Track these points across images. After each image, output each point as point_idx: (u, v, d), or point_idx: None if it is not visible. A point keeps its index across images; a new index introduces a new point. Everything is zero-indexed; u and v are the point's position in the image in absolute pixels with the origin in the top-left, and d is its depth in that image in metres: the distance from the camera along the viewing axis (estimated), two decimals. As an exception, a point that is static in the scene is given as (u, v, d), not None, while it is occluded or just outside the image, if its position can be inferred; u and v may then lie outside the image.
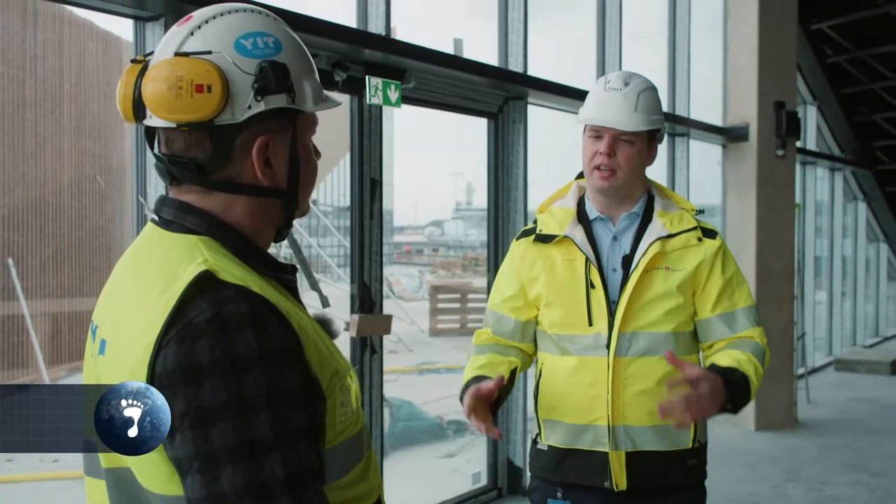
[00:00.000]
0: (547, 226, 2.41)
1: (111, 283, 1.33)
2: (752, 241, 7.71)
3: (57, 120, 8.65)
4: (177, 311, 1.15)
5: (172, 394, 1.12)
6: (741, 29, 7.83)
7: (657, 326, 2.30)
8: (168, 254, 1.25)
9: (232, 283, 1.18)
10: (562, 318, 2.35)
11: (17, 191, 8.46)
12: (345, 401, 1.30)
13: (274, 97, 1.27)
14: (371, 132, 4.62)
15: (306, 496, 1.13)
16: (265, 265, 1.32)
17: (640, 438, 2.32)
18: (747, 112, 7.79)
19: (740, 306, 2.38)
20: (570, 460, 2.36)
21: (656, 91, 2.40)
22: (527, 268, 2.41)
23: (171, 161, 1.28)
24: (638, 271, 2.30)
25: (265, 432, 1.12)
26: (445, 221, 47.64)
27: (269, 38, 1.30)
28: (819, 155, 11.05)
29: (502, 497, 5.58)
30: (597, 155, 2.32)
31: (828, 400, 9.13)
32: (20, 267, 8.34)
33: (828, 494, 5.94)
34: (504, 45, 5.68)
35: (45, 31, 8.66)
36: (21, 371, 8.61)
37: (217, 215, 1.29)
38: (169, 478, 1.16)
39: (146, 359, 1.14)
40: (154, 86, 1.23)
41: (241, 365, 1.12)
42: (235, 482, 1.10)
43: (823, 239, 12.08)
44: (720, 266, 2.36)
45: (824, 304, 12.04)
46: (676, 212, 2.40)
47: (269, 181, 1.31)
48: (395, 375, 10.26)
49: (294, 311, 1.26)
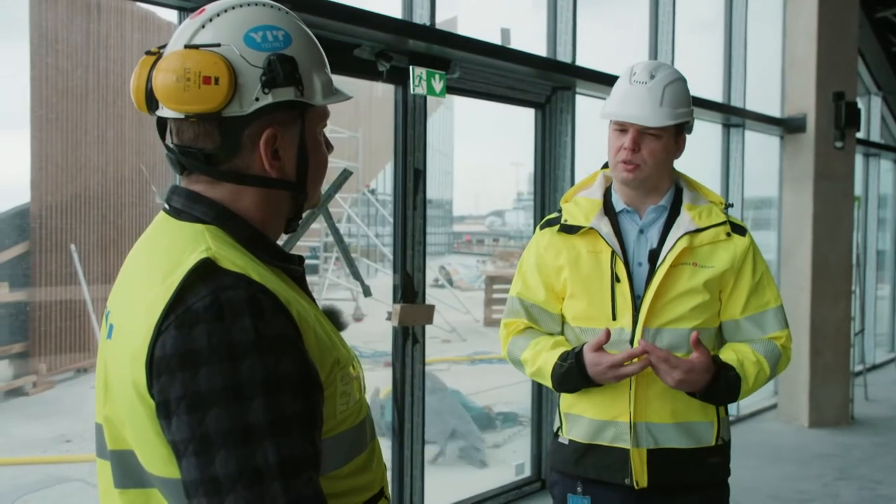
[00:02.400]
0: (572, 216, 2.39)
1: (123, 270, 1.37)
2: (809, 235, 7.54)
3: (117, 110, 8.85)
4: (176, 297, 1.18)
5: (170, 378, 1.15)
6: (800, 17, 7.65)
7: (682, 323, 2.27)
8: (174, 242, 1.28)
9: (232, 271, 1.21)
10: (585, 311, 2.34)
11: (80, 179, 8.69)
12: (346, 391, 1.32)
13: (282, 90, 1.29)
14: (415, 122, 4.64)
15: (298, 483, 1.15)
16: (272, 255, 1.34)
17: (662, 436, 2.29)
18: (805, 102, 7.61)
19: (771, 307, 2.35)
20: (590, 456, 2.34)
21: (685, 82, 2.35)
22: (551, 257, 2.39)
23: (181, 151, 1.31)
24: (665, 266, 2.27)
25: (259, 418, 1.14)
26: (506, 211, 47.45)
27: (278, 32, 1.32)
28: (883, 147, 10.76)
29: (545, 488, 5.58)
30: (622, 150, 2.29)
31: (887, 397, 8.90)
32: (82, 253, 8.57)
33: (879, 494, 5.80)
34: (553, 35, 5.64)
35: (108, 24, 8.86)
36: (83, 355, 8.86)
37: (225, 205, 1.32)
38: (168, 460, 1.19)
39: (146, 343, 1.17)
40: (163, 77, 1.27)
41: (237, 351, 1.15)
42: (229, 466, 1.12)
43: (887, 232, 11.76)
44: (750, 266, 2.33)
45: (887, 300, 11.74)
46: (705, 205, 2.36)
47: (278, 173, 1.33)
48: (447, 365, 10.29)
49: (295, 299, 1.28)
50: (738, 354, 2.28)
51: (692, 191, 2.39)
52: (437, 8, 4.66)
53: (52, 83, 8.44)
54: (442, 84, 4.60)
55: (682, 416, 2.27)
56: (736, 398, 2.28)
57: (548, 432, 5.58)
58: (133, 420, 1.21)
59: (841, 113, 7.58)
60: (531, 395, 5.67)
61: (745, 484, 5.57)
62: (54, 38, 8.41)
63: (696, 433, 2.31)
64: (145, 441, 1.20)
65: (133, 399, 1.20)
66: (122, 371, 1.22)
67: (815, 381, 7.57)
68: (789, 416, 7.70)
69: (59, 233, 8.50)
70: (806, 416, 7.57)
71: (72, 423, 7.77)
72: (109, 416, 1.27)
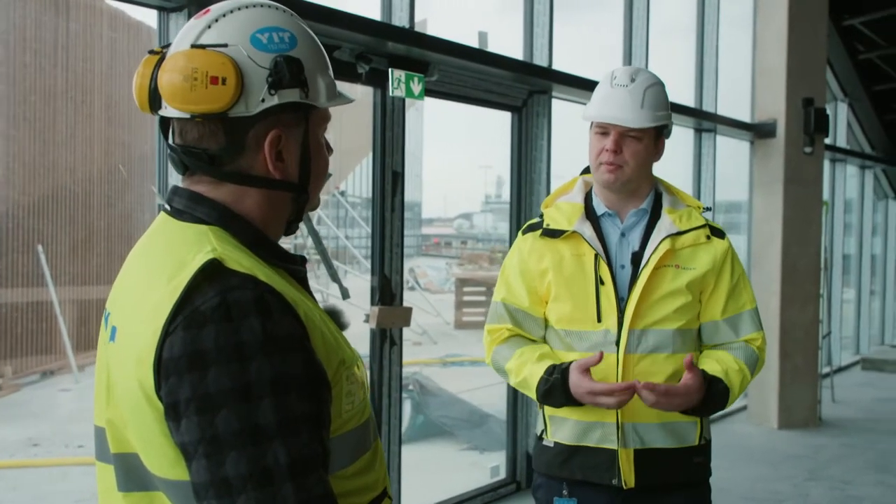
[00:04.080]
0: (554, 220, 2.41)
1: (124, 271, 1.36)
2: (778, 239, 7.64)
3: (86, 109, 8.76)
4: (184, 298, 1.17)
5: (178, 379, 1.14)
6: (770, 24, 7.76)
7: (666, 323, 2.30)
8: (177, 242, 1.27)
9: (239, 272, 1.21)
10: (570, 314, 2.35)
11: (48, 179, 8.58)
12: (351, 390, 1.32)
13: (287, 91, 1.29)
14: (394, 125, 4.64)
15: (308, 483, 1.14)
16: (275, 256, 1.34)
17: (648, 436, 2.32)
18: (775, 108, 7.71)
19: (746, 309, 2.39)
20: (577, 457, 2.35)
21: (663, 86, 2.40)
22: (535, 261, 2.41)
23: (185, 151, 1.31)
24: (649, 268, 2.30)
25: (269, 419, 1.13)
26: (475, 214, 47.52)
27: (284, 34, 1.32)
28: (849, 152, 10.93)
29: (521, 490, 5.59)
30: (603, 152, 2.32)
31: (853, 399, 9.04)
32: (49, 254, 8.46)
33: (849, 494, 5.89)
34: (529, 39, 5.67)
35: (77, 21, 8.76)
36: (49, 357, 8.74)
37: (228, 206, 1.31)
38: (175, 462, 1.18)
39: (153, 345, 1.16)
40: (170, 76, 1.26)
41: (245, 352, 1.14)
42: (239, 468, 1.12)
43: (852, 237, 11.95)
44: (729, 269, 2.38)
45: (852, 303, 11.92)
46: (685, 209, 2.40)
47: (281, 174, 1.33)
48: (419, 367, 10.28)
49: (301, 300, 1.28)
50: (721, 364, 2.31)
51: (671, 195, 2.44)
52: (415, 10, 4.67)
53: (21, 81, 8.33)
54: (421, 87, 4.60)
55: (667, 415, 2.30)
56: (724, 408, 2.31)
57: (523, 434, 5.60)
58: (138, 422, 1.20)
59: (810, 119, 7.69)
60: (507, 397, 5.68)
61: (717, 485, 5.59)
62: (23, 36, 8.30)
63: (680, 433, 2.34)
64: (151, 443, 1.19)
65: (139, 401, 1.18)
66: (128, 373, 1.20)
67: (784, 384, 7.67)
68: (759, 417, 7.79)
69: (26, 233, 8.38)
70: (775, 418, 7.67)
71: (39, 426, 7.66)
72: (112, 419, 1.25)
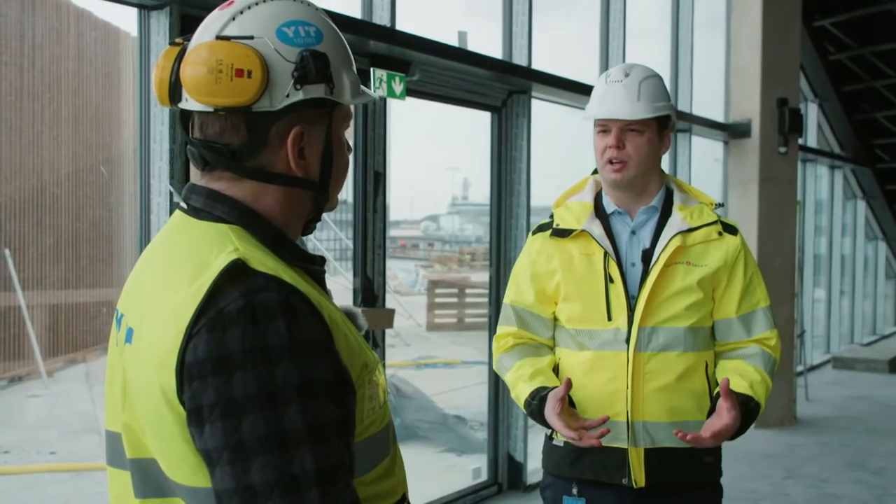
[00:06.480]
0: (564, 220, 2.40)
1: (137, 271, 1.31)
2: (754, 239, 7.69)
3: (55, 110, 8.59)
4: (208, 300, 1.12)
5: (202, 383, 1.10)
6: (744, 25, 7.81)
7: (677, 321, 2.28)
8: (197, 242, 1.23)
9: (263, 273, 1.16)
10: (580, 313, 2.34)
11: (15, 181, 8.40)
12: (373, 394, 1.29)
13: (313, 87, 1.25)
14: (375, 125, 4.59)
15: (336, 490, 1.11)
16: (294, 256, 1.30)
17: (658, 435, 2.30)
18: (750, 109, 7.77)
19: (761, 306, 2.38)
20: (587, 456, 2.33)
21: (660, 79, 2.39)
22: (544, 262, 2.40)
23: (205, 146, 1.26)
24: (659, 265, 2.28)
25: (296, 424, 1.10)
26: (441, 216, 47.61)
27: (310, 28, 1.28)
28: (819, 152, 11.04)
29: (502, 492, 5.57)
30: (607, 149, 2.32)
31: (826, 398, 9.13)
32: (17, 258, 8.29)
33: (827, 492, 5.93)
34: (508, 40, 5.65)
35: (44, 20, 8.59)
36: (18, 363, 8.57)
37: (248, 204, 1.27)
38: (196, 469, 1.14)
39: (176, 347, 1.12)
40: (194, 69, 1.22)
41: (272, 355, 1.10)
42: (266, 475, 1.08)
43: (823, 237, 12.08)
44: (742, 265, 2.35)
45: (823, 302, 12.06)
46: (696, 206, 2.38)
47: (302, 172, 1.29)
48: (393, 370, 10.23)
49: (324, 302, 1.25)
50: (745, 378, 2.27)
51: (682, 192, 2.42)
52: (397, 10, 4.62)
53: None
54: (402, 86, 4.57)
55: (678, 414, 2.28)
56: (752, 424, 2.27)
57: (504, 436, 5.57)
58: (158, 427, 1.15)
59: (784, 119, 7.76)
60: (488, 399, 5.65)
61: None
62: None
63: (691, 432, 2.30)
64: (171, 449, 1.15)
65: (160, 406, 1.14)
66: (148, 377, 1.15)
67: (760, 383, 7.70)
68: (735, 416, 7.82)
69: (-7, 236, 8.21)
70: (752, 417, 7.70)
71: (7, 433, 7.51)
72: (129, 423, 1.20)
